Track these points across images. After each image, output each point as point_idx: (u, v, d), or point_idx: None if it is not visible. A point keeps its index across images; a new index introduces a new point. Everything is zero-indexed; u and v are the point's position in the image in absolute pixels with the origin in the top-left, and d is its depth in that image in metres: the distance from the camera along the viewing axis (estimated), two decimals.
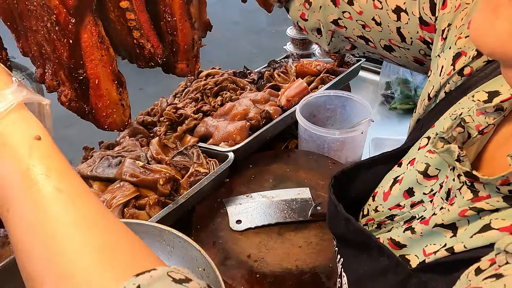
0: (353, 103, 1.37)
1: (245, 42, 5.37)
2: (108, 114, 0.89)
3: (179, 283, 0.38)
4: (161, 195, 1.06)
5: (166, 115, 1.36)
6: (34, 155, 0.42)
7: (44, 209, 0.40)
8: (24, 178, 0.40)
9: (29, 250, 0.40)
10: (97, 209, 0.44)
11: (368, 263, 0.53)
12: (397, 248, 0.53)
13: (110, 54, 0.83)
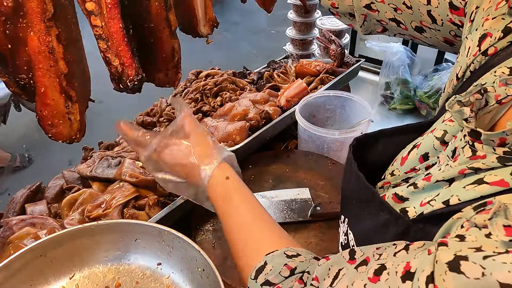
0: (352, 104, 1.37)
1: (244, 43, 5.37)
2: (53, 124, 0.86)
3: (289, 258, 0.58)
4: (161, 195, 1.06)
5: (166, 115, 1.36)
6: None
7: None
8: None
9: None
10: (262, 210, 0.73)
11: (371, 219, 0.57)
12: (399, 202, 0.57)
13: (58, 67, 0.80)
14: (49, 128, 0.87)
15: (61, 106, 0.84)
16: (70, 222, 0.98)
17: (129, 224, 0.87)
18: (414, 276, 0.38)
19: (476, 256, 0.34)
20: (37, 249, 0.80)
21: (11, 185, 2.68)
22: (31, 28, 0.75)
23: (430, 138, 0.60)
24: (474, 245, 0.35)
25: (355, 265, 0.49)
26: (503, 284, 0.31)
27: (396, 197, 0.58)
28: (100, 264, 0.85)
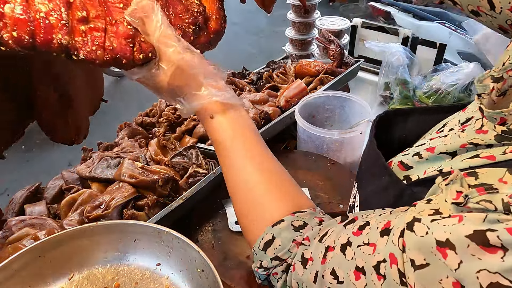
0: (352, 104, 1.37)
1: (244, 43, 5.38)
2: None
3: (297, 230, 0.58)
4: (160, 196, 1.06)
5: (165, 116, 1.36)
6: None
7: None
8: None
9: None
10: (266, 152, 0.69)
11: (375, 182, 0.61)
12: (404, 169, 0.59)
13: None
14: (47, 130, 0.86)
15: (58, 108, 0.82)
16: (69, 222, 0.98)
17: (129, 225, 0.87)
18: (391, 232, 0.44)
19: (426, 219, 0.39)
20: (36, 250, 0.80)
21: (10, 186, 2.67)
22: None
23: (460, 116, 0.60)
24: (434, 207, 0.40)
25: (343, 223, 0.54)
26: (438, 241, 0.36)
27: (401, 165, 0.60)
28: (99, 265, 0.85)
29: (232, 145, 0.66)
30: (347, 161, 1.29)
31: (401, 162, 0.60)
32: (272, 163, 0.69)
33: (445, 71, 1.74)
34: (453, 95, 1.67)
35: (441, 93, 1.68)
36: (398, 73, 1.78)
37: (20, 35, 0.54)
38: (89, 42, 0.58)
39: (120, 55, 0.60)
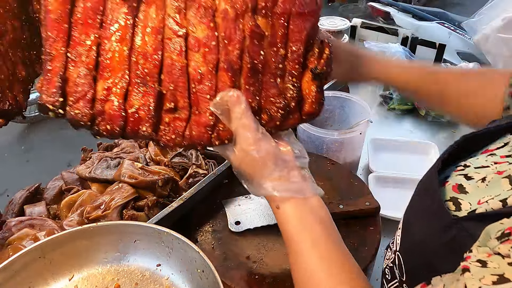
0: (351, 104, 1.37)
1: None
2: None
3: None
4: (160, 196, 1.06)
5: None
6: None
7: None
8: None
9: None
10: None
11: (420, 206, 0.58)
12: (458, 192, 0.53)
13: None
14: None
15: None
16: (69, 223, 0.98)
17: (128, 225, 0.87)
18: None
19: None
20: (36, 250, 0.80)
21: (9, 186, 2.67)
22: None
23: None
24: (497, 272, 0.37)
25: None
26: None
27: (458, 189, 0.54)
28: (99, 266, 0.85)
29: (298, 238, 0.65)
30: (347, 161, 1.29)
31: (459, 186, 0.54)
32: (337, 252, 0.66)
33: None
34: None
35: None
36: None
37: (114, 128, 0.61)
38: (171, 131, 0.62)
39: (197, 142, 0.63)
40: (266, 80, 0.64)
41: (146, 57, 0.59)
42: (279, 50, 0.64)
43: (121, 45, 0.59)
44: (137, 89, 0.60)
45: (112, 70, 0.59)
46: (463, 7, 6.05)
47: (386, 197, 1.25)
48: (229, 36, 0.61)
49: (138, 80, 0.60)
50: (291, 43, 0.64)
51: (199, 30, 0.60)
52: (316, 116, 0.69)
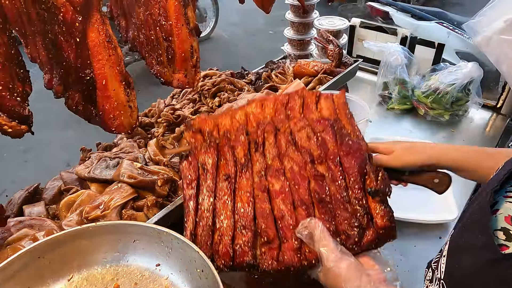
0: (351, 104, 1.36)
1: (242, 43, 5.37)
2: (115, 116, 0.88)
3: None
4: (159, 196, 1.06)
5: (164, 116, 1.36)
6: None
7: None
8: None
9: None
10: None
11: (469, 237, 0.58)
12: (510, 224, 0.54)
13: (117, 54, 0.80)
14: (112, 122, 0.89)
15: (122, 94, 0.86)
16: (68, 223, 0.98)
17: (128, 225, 0.87)
18: None
19: None
20: (35, 250, 0.80)
21: (8, 186, 2.67)
22: (88, 20, 0.76)
23: None
24: None
25: None
26: None
27: (511, 220, 0.54)
28: (99, 266, 0.85)
29: None
30: None
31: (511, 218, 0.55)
32: None
33: (443, 71, 1.75)
34: (452, 95, 1.67)
35: (439, 92, 1.69)
36: (397, 73, 1.78)
37: (226, 261, 0.81)
38: (268, 258, 0.80)
39: (289, 264, 0.79)
40: (336, 207, 0.83)
41: (245, 210, 0.84)
42: (341, 183, 0.84)
43: (228, 206, 0.85)
44: (240, 232, 0.82)
45: (223, 226, 0.84)
46: (462, 7, 6.06)
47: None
48: (298, 183, 0.85)
49: (241, 226, 0.83)
50: (348, 176, 0.84)
51: (276, 184, 0.86)
52: (391, 229, 0.84)
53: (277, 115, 0.97)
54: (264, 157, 0.90)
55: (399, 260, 1.12)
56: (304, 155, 0.88)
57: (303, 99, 1.01)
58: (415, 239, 1.19)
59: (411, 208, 1.25)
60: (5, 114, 0.77)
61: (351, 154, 0.87)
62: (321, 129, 0.91)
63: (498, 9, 1.29)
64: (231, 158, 0.89)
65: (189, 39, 0.91)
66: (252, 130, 0.94)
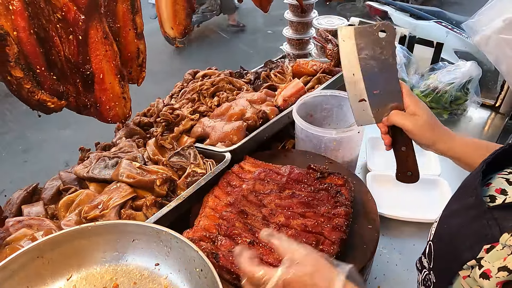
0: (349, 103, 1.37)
1: (241, 43, 5.37)
2: (111, 107, 0.92)
3: None
4: (158, 196, 1.06)
5: (163, 115, 1.36)
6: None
7: None
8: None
9: None
10: None
11: (459, 202, 0.61)
12: (499, 193, 0.58)
13: (113, 49, 0.85)
14: (108, 113, 0.94)
15: (117, 87, 0.91)
16: (67, 223, 0.98)
17: (127, 225, 0.87)
18: None
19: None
20: (34, 250, 0.80)
21: (7, 186, 2.67)
22: (91, 19, 0.81)
23: None
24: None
25: None
26: None
27: (501, 192, 0.59)
28: (98, 265, 0.85)
29: None
30: (345, 160, 1.29)
31: (502, 191, 0.59)
32: None
33: (442, 70, 1.75)
34: (451, 94, 1.67)
35: (438, 91, 1.69)
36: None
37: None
38: None
39: None
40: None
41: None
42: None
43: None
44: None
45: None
46: (461, 6, 6.07)
47: (384, 196, 1.26)
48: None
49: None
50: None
51: (280, 217, 0.94)
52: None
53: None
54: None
55: (398, 259, 1.12)
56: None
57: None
58: (413, 238, 1.19)
59: (409, 207, 1.25)
60: (47, 92, 0.85)
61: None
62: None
63: (497, 8, 1.29)
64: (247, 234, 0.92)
65: (136, 42, 0.99)
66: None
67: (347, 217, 0.95)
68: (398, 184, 0.97)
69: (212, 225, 0.95)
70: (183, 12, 1.07)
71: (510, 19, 1.22)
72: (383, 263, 1.11)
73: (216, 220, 0.96)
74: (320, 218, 0.95)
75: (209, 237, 0.91)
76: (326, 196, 1.01)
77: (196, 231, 0.93)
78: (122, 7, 0.92)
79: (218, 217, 0.97)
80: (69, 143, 0.90)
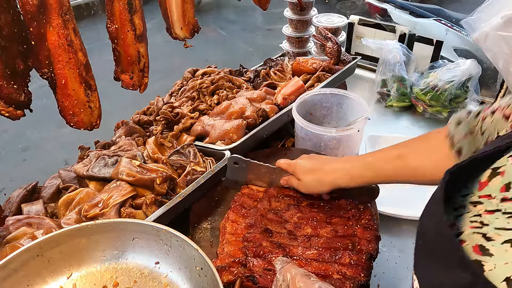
0: (349, 101, 1.37)
1: (241, 41, 5.37)
2: (75, 113, 0.91)
3: None
4: (158, 194, 1.06)
5: (162, 114, 1.36)
6: None
7: None
8: None
9: None
10: None
11: (446, 276, 0.48)
12: (480, 254, 0.47)
13: (77, 58, 0.84)
14: (71, 118, 0.91)
15: (82, 95, 0.89)
16: (67, 221, 0.98)
17: (127, 223, 0.87)
18: None
19: None
20: (34, 249, 0.80)
21: (7, 185, 2.66)
22: (49, 24, 0.79)
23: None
24: None
25: None
26: None
27: (479, 249, 0.47)
28: (98, 264, 0.85)
29: None
30: None
31: (480, 247, 0.47)
32: None
33: (441, 68, 1.75)
34: (450, 92, 1.67)
35: (438, 90, 1.69)
36: (395, 70, 1.78)
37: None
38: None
39: None
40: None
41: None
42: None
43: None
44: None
45: None
46: (460, 4, 6.05)
47: (384, 194, 1.25)
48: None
49: None
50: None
51: (307, 229, 0.95)
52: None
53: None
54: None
55: (398, 257, 1.12)
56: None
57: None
58: (413, 236, 1.19)
59: (409, 205, 1.25)
60: (3, 100, 0.83)
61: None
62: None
63: (497, 6, 1.29)
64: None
65: (135, 45, 0.96)
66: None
67: (374, 216, 0.96)
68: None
69: (238, 250, 0.91)
70: (191, 10, 1.06)
71: (507, 16, 1.22)
72: (383, 261, 1.11)
73: (240, 244, 0.92)
74: (348, 221, 0.95)
75: (239, 261, 0.87)
76: (344, 202, 1.02)
77: (223, 259, 0.89)
78: (119, 5, 0.90)
79: (242, 241, 0.93)
80: (68, 142, 0.90)
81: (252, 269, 0.85)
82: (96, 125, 0.97)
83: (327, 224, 0.95)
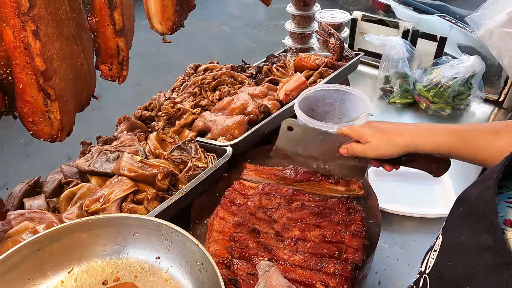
0: (352, 97, 1.36)
1: (243, 36, 5.35)
2: (34, 121, 0.86)
3: None
4: (159, 189, 1.06)
5: (164, 109, 1.36)
6: None
7: None
8: None
9: None
10: None
11: (470, 237, 0.50)
12: (508, 226, 0.48)
13: (34, 64, 0.79)
14: (30, 126, 0.86)
15: (40, 103, 0.83)
16: (68, 216, 0.98)
17: (128, 218, 0.87)
18: None
19: None
20: (36, 243, 0.80)
21: (9, 180, 2.67)
22: (5, 22, 0.75)
23: None
24: None
25: None
26: None
27: (510, 224, 0.49)
28: (99, 258, 0.85)
29: None
30: None
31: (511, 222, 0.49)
32: None
33: (445, 65, 1.74)
34: (454, 89, 1.66)
35: (441, 86, 1.68)
36: (398, 66, 1.77)
37: None
38: None
39: None
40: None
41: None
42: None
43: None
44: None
45: None
46: (465, 1, 6.01)
47: (385, 191, 1.25)
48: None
49: None
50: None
51: (295, 231, 0.94)
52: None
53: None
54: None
55: (399, 254, 1.12)
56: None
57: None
58: (415, 232, 1.19)
59: (411, 201, 1.25)
60: None
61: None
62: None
63: (502, 2, 1.28)
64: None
65: (114, 39, 0.96)
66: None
67: (364, 222, 0.93)
68: (400, 179, 0.97)
69: (224, 249, 0.90)
70: (172, 7, 1.05)
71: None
72: (384, 257, 1.11)
73: (227, 243, 0.92)
74: (337, 226, 0.93)
75: (223, 262, 0.86)
76: (337, 203, 1.00)
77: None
78: (99, 0, 0.90)
79: (228, 240, 0.93)
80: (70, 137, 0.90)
81: (235, 272, 0.84)
82: (58, 137, 0.91)
83: (315, 227, 0.94)
